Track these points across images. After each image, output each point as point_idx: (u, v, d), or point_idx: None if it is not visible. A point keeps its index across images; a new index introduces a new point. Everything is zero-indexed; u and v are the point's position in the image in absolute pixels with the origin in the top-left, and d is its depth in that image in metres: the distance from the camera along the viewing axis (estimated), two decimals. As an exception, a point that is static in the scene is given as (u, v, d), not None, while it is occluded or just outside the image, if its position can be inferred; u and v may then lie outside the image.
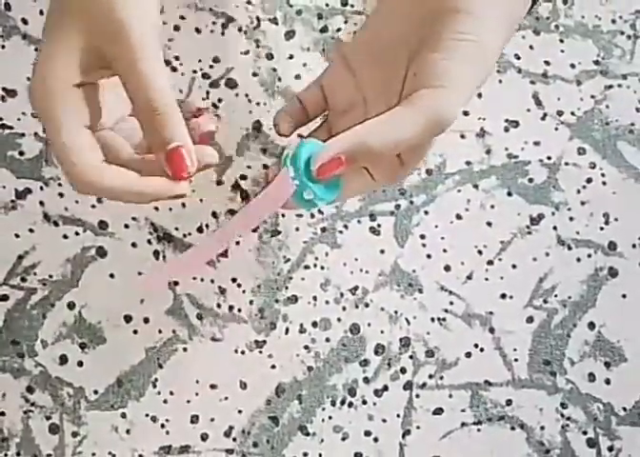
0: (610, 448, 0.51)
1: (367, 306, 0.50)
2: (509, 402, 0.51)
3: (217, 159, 0.38)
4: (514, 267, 0.51)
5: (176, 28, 0.50)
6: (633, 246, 0.52)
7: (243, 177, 0.50)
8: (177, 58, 0.50)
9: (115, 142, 0.38)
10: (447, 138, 0.37)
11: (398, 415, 0.50)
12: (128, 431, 0.48)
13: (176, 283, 0.49)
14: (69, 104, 0.34)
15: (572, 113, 0.52)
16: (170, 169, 0.35)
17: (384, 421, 0.50)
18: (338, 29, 0.51)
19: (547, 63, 0.52)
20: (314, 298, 0.50)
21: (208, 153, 0.37)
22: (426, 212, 0.51)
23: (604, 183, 0.52)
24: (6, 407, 0.48)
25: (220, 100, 0.50)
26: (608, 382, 0.51)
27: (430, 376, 0.50)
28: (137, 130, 0.37)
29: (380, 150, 0.35)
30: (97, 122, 0.37)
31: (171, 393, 0.49)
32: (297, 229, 0.50)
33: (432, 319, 0.51)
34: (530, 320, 0.51)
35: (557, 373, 0.51)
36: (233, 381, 0.49)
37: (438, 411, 0.50)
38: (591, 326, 0.51)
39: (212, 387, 0.49)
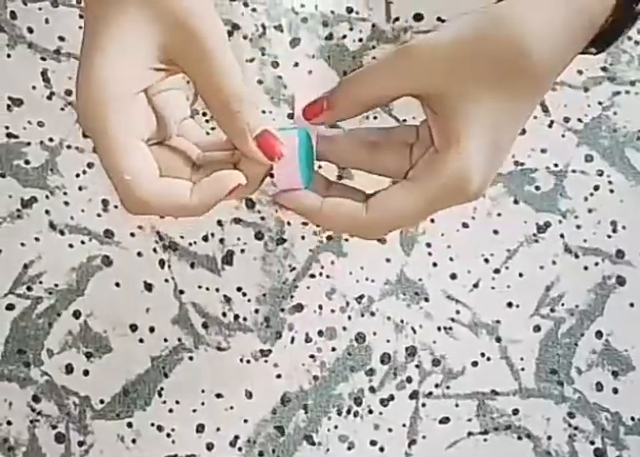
0: (618, 458, 0.51)
1: (372, 314, 0.50)
2: (515, 411, 0.50)
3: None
4: (521, 275, 0.51)
5: (181, 36, 0.50)
6: (641, 254, 0.51)
7: (248, 185, 0.49)
8: (182, 66, 0.50)
9: (185, 146, 0.37)
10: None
11: (404, 424, 0.50)
12: (134, 441, 0.48)
13: (182, 292, 0.49)
14: (129, 114, 0.32)
15: (580, 120, 0.52)
16: (265, 152, 0.34)
17: (390, 430, 0.50)
18: (344, 37, 0.51)
19: (554, 69, 0.52)
20: (320, 307, 0.50)
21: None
22: (432, 220, 0.50)
23: (611, 190, 0.52)
24: (12, 417, 0.48)
25: (225, 108, 0.50)
26: (615, 391, 0.51)
27: (437, 385, 0.50)
28: (197, 130, 0.37)
29: None
30: (154, 128, 0.35)
31: (177, 402, 0.49)
32: (303, 238, 0.50)
33: (439, 328, 0.50)
34: (536, 329, 0.51)
35: (564, 382, 0.51)
36: (239, 390, 0.49)
37: (444, 421, 0.50)
38: (599, 334, 0.51)
39: (218, 396, 0.49)
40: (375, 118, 0.50)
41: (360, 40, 0.51)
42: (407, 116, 0.50)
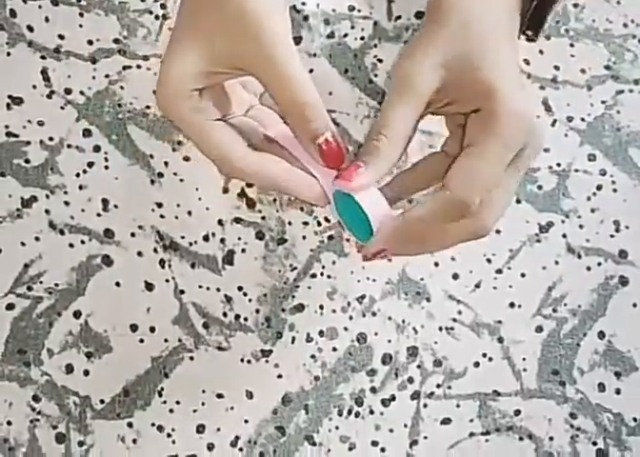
0: (620, 459, 0.51)
1: (374, 314, 0.50)
2: (517, 412, 0.50)
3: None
4: (523, 275, 0.51)
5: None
6: (644, 254, 0.51)
7: (249, 185, 0.49)
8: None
9: (249, 127, 0.38)
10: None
11: (405, 425, 0.50)
12: (134, 441, 0.48)
13: (182, 292, 0.49)
14: (198, 105, 0.35)
15: (582, 119, 0.52)
16: (325, 161, 0.35)
17: (391, 431, 0.50)
18: (345, 35, 0.51)
19: (556, 68, 0.51)
20: (321, 307, 0.50)
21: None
22: (434, 220, 0.50)
23: (614, 190, 0.51)
24: (12, 417, 0.48)
25: (226, 107, 0.49)
26: (618, 392, 0.51)
27: (438, 386, 0.50)
28: (269, 117, 0.38)
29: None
30: (227, 111, 0.38)
31: (178, 403, 0.49)
32: (304, 238, 0.50)
33: (440, 328, 0.50)
34: (539, 329, 0.50)
35: (566, 383, 0.50)
36: (240, 390, 0.49)
37: (446, 421, 0.50)
38: (601, 335, 0.51)
39: (219, 396, 0.49)
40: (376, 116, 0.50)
41: (362, 38, 0.51)
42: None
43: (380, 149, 0.35)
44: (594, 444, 0.50)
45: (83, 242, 0.49)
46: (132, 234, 0.49)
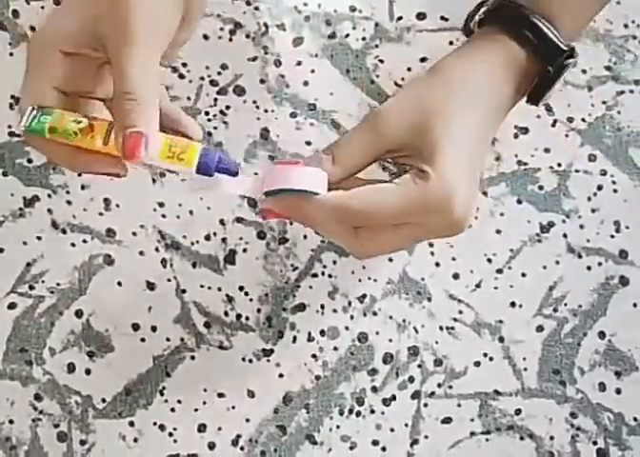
0: (621, 459, 0.51)
1: (375, 314, 0.50)
2: (518, 411, 0.50)
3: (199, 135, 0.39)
4: (524, 275, 0.51)
5: (184, 35, 0.49)
6: (645, 254, 0.51)
7: (251, 185, 0.49)
8: (185, 65, 0.49)
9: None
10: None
11: (406, 424, 0.50)
12: (135, 440, 0.48)
13: (184, 291, 0.49)
14: (47, 63, 0.36)
15: (583, 119, 0.52)
16: (123, 151, 0.34)
17: (392, 430, 0.50)
18: (346, 35, 0.51)
19: (557, 68, 0.52)
20: (322, 306, 0.50)
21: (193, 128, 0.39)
22: (434, 220, 0.50)
23: (615, 190, 0.51)
24: (14, 415, 0.48)
25: (228, 107, 0.50)
26: (618, 391, 0.51)
27: (439, 385, 0.50)
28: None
29: None
30: (84, 91, 0.38)
31: (179, 402, 0.49)
32: (305, 237, 0.50)
33: (441, 328, 0.50)
34: (539, 329, 0.51)
35: (567, 383, 0.51)
36: (241, 389, 0.49)
37: (447, 421, 0.50)
38: (602, 335, 0.51)
39: (220, 395, 0.49)
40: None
41: (363, 39, 0.51)
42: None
43: (324, 163, 0.38)
44: (595, 443, 0.51)
45: (85, 241, 0.49)
46: (134, 233, 0.49)
